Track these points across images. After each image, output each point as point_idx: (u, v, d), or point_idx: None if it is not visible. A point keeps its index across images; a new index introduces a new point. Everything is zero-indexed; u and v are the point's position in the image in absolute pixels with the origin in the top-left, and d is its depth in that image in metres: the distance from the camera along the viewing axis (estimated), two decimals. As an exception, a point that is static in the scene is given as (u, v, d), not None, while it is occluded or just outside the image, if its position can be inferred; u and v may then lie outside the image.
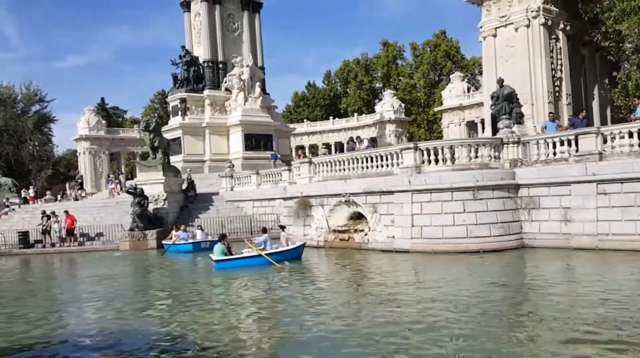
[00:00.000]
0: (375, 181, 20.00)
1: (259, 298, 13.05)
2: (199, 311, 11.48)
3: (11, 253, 28.57)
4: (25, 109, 68.35)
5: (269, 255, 17.59)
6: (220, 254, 17.72)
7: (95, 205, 34.50)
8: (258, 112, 47.60)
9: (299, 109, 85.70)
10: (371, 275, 15.93)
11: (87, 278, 18.94)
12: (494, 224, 17.98)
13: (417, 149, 19.12)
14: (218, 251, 17.80)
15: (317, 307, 11.38)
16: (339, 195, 21.57)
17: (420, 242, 18.37)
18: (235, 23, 49.98)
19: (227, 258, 17.72)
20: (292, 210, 24.04)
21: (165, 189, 30.59)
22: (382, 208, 19.78)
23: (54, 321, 11.58)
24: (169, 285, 16.43)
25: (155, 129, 31.24)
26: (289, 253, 18.44)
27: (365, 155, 21.28)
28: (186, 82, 47.71)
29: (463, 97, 59.86)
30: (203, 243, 24.96)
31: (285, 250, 18.47)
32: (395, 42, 79.23)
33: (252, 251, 18.06)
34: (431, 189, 18.27)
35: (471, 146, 18.75)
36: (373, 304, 11.18)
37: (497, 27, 28.23)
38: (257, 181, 32.07)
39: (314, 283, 14.93)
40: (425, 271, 15.85)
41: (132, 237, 27.20)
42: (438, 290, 12.38)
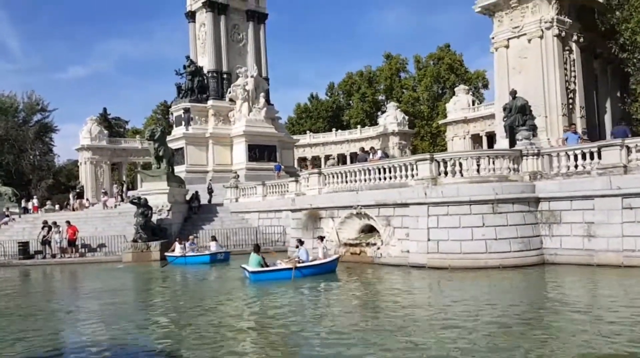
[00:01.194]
0: (389, 193, 19.38)
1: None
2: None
3: (10, 264, 27.82)
4: (26, 118, 67.89)
5: (302, 268, 17.02)
6: (257, 265, 17.14)
7: (97, 215, 33.79)
8: (262, 123, 47.17)
9: (301, 121, 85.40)
10: (386, 293, 15.15)
11: (100, 292, 17.80)
12: (514, 239, 17.34)
13: (433, 161, 18.54)
14: (254, 262, 17.20)
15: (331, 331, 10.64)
16: (350, 207, 20.95)
17: (436, 257, 17.70)
18: (240, 34, 49.75)
19: (264, 269, 17.14)
20: (301, 222, 23.39)
21: (170, 200, 29.94)
22: (396, 221, 19.14)
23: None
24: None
25: (160, 139, 30.66)
26: (325, 266, 17.76)
27: (378, 166, 20.66)
28: (190, 92, 47.33)
29: (468, 110, 59.54)
30: (218, 254, 24.53)
31: (320, 263, 17.76)
32: (398, 55, 79.24)
33: (288, 263, 17.42)
34: (448, 201, 17.64)
35: (490, 157, 18.16)
36: (389, 331, 10.29)
37: (510, 38, 27.75)
38: (263, 192, 31.42)
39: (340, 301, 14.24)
40: (444, 288, 15.08)
41: (135, 248, 26.48)
42: (457, 310, 11.67)
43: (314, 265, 17.53)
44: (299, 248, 18.41)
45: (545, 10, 26.67)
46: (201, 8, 48.53)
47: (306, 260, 17.70)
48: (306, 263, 17.52)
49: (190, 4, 49.95)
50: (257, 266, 17.14)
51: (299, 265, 17.14)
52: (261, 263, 17.28)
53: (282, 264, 17.51)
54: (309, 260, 17.74)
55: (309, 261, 17.71)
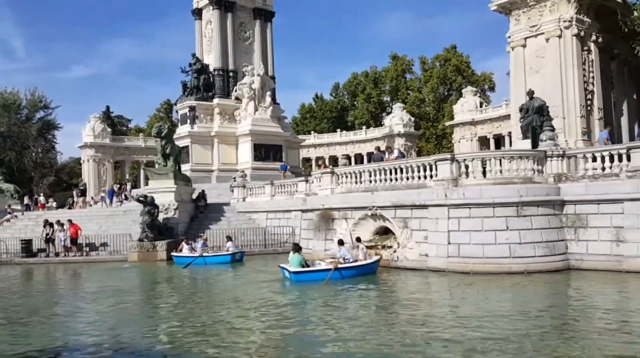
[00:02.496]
0: (407, 194, 18.72)
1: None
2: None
3: (13, 262, 27.17)
4: (29, 115, 67.29)
5: (342, 270, 16.46)
6: (298, 265, 16.60)
7: (101, 214, 33.13)
8: (268, 122, 46.51)
9: (305, 121, 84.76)
10: (403, 300, 14.45)
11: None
12: (539, 243, 16.67)
13: (453, 161, 17.87)
14: (295, 262, 16.64)
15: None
16: (364, 208, 20.28)
17: (457, 261, 17.03)
18: (246, 32, 49.09)
19: (306, 270, 16.61)
20: (312, 223, 22.73)
21: (176, 199, 29.27)
22: (413, 223, 18.47)
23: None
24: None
25: (167, 136, 29.97)
26: (366, 268, 17.18)
27: (395, 166, 19.98)
28: (196, 90, 46.66)
29: (475, 112, 58.91)
30: (236, 254, 24.10)
31: (362, 264, 17.16)
32: (404, 56, 78.55)
33: (329, 264, 16.84)
34: (470, 204, 16.97)
35: (514, 158, 17.48)
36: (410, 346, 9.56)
37: (527, 37, 27.13)
38: (271, 191, 30.74)
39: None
40: (467, 296, 14.27)
41: (141, 248, 25.80)
42: (482, 321, 10.94)
43: (355, 266, 16.92)
44: (340, 248, 17.76)
45: (564, 8, 26.05)
46: (208, 5, 47.91)
47: (350, 260, 17.08)
48: (349, 263, 16.89)
49: (197, 1, 49.37)
50: (298, 267, 16.60)
51: (340, 265, 16.53)
52: (302, 263, 16.77)
53: (322, 264, 17.01)
54: (352, 261, 17.13)
55: (353, 261, 17.08)
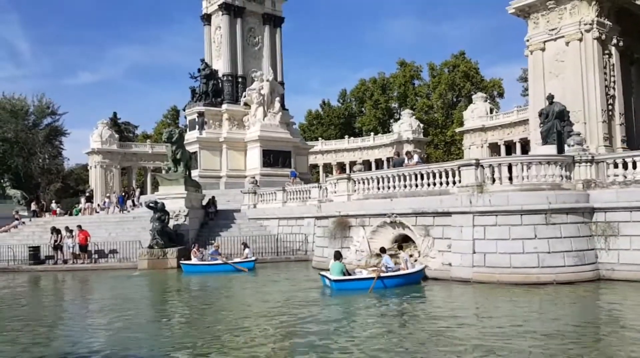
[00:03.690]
0: (428, 201, 18.07)
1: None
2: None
3: (20, 270, 26.64)
4: (36, 121, 67.01)
5: (384, 278, 15.85)
6: (339, 273, 16.01)
7: (110, 220, 32.59)
8: (277, 128, 45.98)
9: (312, 128, 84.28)
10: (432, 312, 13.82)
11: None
12: (568, 252, 15.98)
13: (478, 166, 17.22)
14: (336, 270, 16.06)
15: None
16: (383, 215, 19.63)
17: (483, 271, 16.35)
18: (256, 37, 48.68)
19: (347, 278, 16.03)
20: (328, 230, 22.08)
21: (187, 205, 28.71)
22: (436, 231, 17.81)
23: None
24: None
25: (177, 141, 29.48)
26: (410, 277, 16.53)
27: (415, 172, 19.35)
28: (204, 95, 46.20)
29: (486, 118, 58.32)
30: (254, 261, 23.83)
31: (406, 274, 16.49)
32: (412, 62, 78.12)
33: (371, 272, 16.26)
34: (497, 211, 16.31)
35: (541, 163, 16.83)
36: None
37: (546, 41, 26.56)
38: (283, 198, 30.14)
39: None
40: (494, 308, 13.55)
41: (151, 255, 25.21)
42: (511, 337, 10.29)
43: (398, 275, 16.29)
44: (382, 256, 17.12)
45: (585, 11, 25.49)
46: (217, 11, 47.57)
47: (392, 268, 16.45)
48: (391, 272, 16.27)
49: (206, 7, 49.02)
50: (339, 275, 16.01)
51: (383, 274, 15.91)
52: (344, 271, 16.18)
53: (364, 273, 16.43)
54: (394, 270, 16.49)
55: (395, 270, 16.45)
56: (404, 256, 16.93)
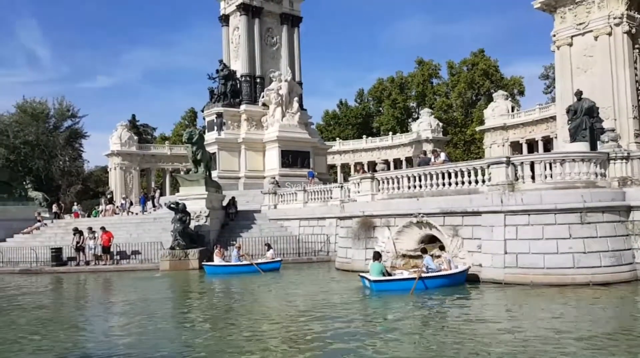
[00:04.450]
0: (457, 200, 17.58)
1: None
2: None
3: (43, 271, 26.70)
4: (57, 124, 67.64)
5: (425, 279, 15.45)
6: (379, 274, 15.71)
7: (131, 221, 32.62)
8: (295, 129, 45.74)
9: (330, 128, 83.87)
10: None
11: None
12: (605, 252, 15.39)
13: (509, 164, 16.70)
14: (376, 271, 15.76)
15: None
16: (409, 215, 19.18)
17: (515, 272, 15.83)
18: (274, 37, 48.52)
19: (387, 278, 15.72)
20: (351, 231, 21.68)
21: (207, 206, 28.53)
22: (465, 231, 17.32)
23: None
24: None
25: (198, 141, 29.33)
26: (453, 278, 16.02)
27: (442, 170, 18.87)
28: (223, 96, 46.14)
29: (507, 116, 57.36)
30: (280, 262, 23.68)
31: (448, 274, 15.99)
32: (430, 60, 77.31)
33: (412, 273, 15.94)
34: (529, 210, 15.78)
35: (575, 161, 16.25)
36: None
37: (574, 36, 25.89)
38: (304, 198, 29.82)
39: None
40: (538, 311, 12.87)
41: (172, 256, 25.07)
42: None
43: (441, 276, 15.84)
44: (423, 256, 16.68)
45: (614, 5, 24.76)
46: (235, 11, 47.52)
47: (434, 269, 16.02)
48: (433, 273, 15.85)
49: (224, 8, 48.99)
50: (379, 275, 15.68)
51: (424, 275, 15.51)
52: (383, 272, 15.86)
53: (404, 273, 16.12)
54: (436, 270, 16.06)
55: (437, 271, 16.02)
56: (447, 257, 16.36)
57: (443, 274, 15.90)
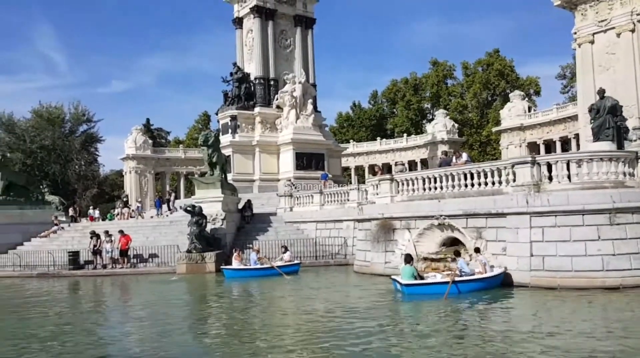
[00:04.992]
0: (480, 202, 17.16)
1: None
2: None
3: (60, 275, 26.71)
4: (72, 128, 68.31)
5: (459, 283, 15.02)
6: (410, 277, 15.34)
7: (147, 224, 32.60)
8: (310, 131, 45.52)
9: (343, 130, 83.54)
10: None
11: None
12: (635, 254, 14.86)
13: (534, 164, 16.26)
14: (407, 274, 15.40)
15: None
16: (430, 217, 18.79)
17: (542, 275, 15.37)
18: (287, 39, 48.39)
19: (419, 282, 15.36)
20: (370, 233, 21.33)
21: (223, 208, 28.36)
22: (489, 234, 16.89)
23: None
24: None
25: (213, 144, 29.21)
26: (488, 281, 15.48)
27: (464, 171, 18.47)
28: (237, 99, 46.10)
29: (524, 117, 56.57)
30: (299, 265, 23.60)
31: (483, 278, 15.47)
32: (445, 61, 76.69)
33: (445, 276, 15.51)
34: (556, 211, 15.32)
35: (603, 160, 15.76)
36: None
37: (595, 33, 25.39)
38: (320, 201, 29.53)
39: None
40: (574, 316, 12.37)
41: (189, 259, 24.92)
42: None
43: (475, 280, 15.40)
44: (456, 259, 16.21)
45: (637, 0, 24.19)
46: (249, 14, 47.50)
47: (468, 273, 15.59)
48: (466, 276, 15.44)
49: (237, 10, 49.03)
50: (410, 279, 15.30)
51: (457, 278, 15.09)
52: (415, 275, 15.47)
53: (437, 276, 15.72)
54: (470, 273, 15.63)
55: (470, 274, 15.59)
56: (482, 259, 15.84)
57: (477, 278, 15.43)
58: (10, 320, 14.82)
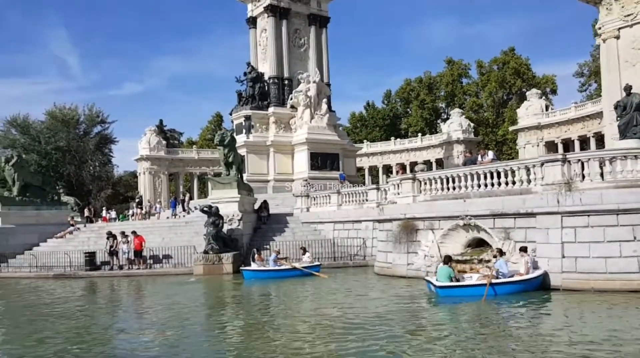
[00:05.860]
0: (508, 201, 16.61)
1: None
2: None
3: (77, 276, 26.55)
4: (87, 130, 68.51)
5: (496, 285, 14.48)
6: (447, 278, 14.83)
7: (163, 225, 32.39)
8: (324, 130, 45.10)
9: (357, 130, 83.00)
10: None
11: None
12: (673, 256, 14.22)
13: (565, 161, 15.69)
14: (444, 275, 14.88)
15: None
16: (455, 217, 18.26)
17: (574, 277, 14.80)
18: (301, 38, 48.07)
19: (455, 284, 14.82)
20: (392, 234, 20.83)
21: (240, 209, 28.04)
22: (517, 234, 16.33)
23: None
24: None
25: (230, 144, 28.89)
26: (527, 284, 14.83)
27: (490, 170, 17.92)
28: (251, 99, 45.86)
29: (541, 115, 55.67)
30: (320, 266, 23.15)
31: (521, 280, 14.84)
32: (460, 60, 75.87)
33: (482, 278, 14.98)
34: (589, 211, 14.73)
35: (638, 157, 15.15)
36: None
37: (621, 28, 24.69)
38: (338, 201, 29.08)
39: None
40: (621, 322, 11.66)
41: (206, 260, 24.62)
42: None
43: (512, 282, 14.81)
44: (496, 259, 15.58)
45: (666, -6, 23.49)
46: (263, 13, 47.23)
47: (506, 274, 15.03)
48: (504, 278, 14.89)
49: (251, 10, 48.78)
50: (446, 280, 14.78)
51: (494, 280, 14.55)
52: (451, 277, 14.93)
53: (473, 278, 15.21)
54: (508, 275, 15.05)
55: (509, 276, 15.02)
56: (527, 260, 15.20)
57: (515, 280, 14.83)
58: (35, 322, 14.59)
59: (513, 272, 15.17)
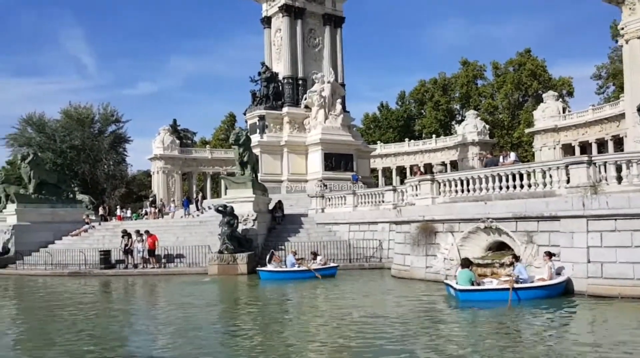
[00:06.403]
0: (531, 204, 16.23)
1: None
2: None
3: (91, 274, 26.56)
4: (102, 129, 68.95)
5: (518, 290, 14.12)
6: (467, 282, 14.50)
7: (177, 224, 32.34)
8: (338, 131, 44.83)
9: (370, 131, 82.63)
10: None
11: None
12: None
13: (591, 164, 15.28)
14: (464, 279, 14.56)
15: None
16: (475, 220, 17.89)
17: (600, 283, 14.38)
18: (316, 38, 47.87)
19: (475, 288, 14.49)
20: (410, 236, 20.51)
21: (255, 209, 27.85)
22: (541, 238, 15.94)
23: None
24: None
25: (245, 143, 28.74)
26: (550, 289, 14.46)
27: (512, 171, 17.54)
28: (265, 99, 45.70)
29: (558, 118, 55.00)
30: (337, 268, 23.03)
31: (544, 285, 14.48)
32: (475, 61, 75.20)
33: (503, 282, 14.64)
34: (616, 214, 14.30)
35: (667, 160, 14.70)
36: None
37: (645, 28, 24.11)
38: (354, 202, 28.77)
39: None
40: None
41: (221, 260, 24.44)
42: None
43: (535, 287, 14.46)
44: (514, 264, 15.29)
45: (692, -7, 22.93)
46: (277, 13, 47.12)
47: (526, 279, 14.69)
48: (525, 283, 14.54)
49: (266, 10, 48.69)
50: (467, 284, 14.46)
51: (516, 285, 14.19)
52: (472, 280, 14.62)
53: (494, 282, 14.87)
54: (529, 280, 14.73)
55: (529, 281, 14.70)
56: (551, 265, 14.84)
57: (538, 285, 14.47)
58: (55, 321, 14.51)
59: (532, 277, 14.79)
